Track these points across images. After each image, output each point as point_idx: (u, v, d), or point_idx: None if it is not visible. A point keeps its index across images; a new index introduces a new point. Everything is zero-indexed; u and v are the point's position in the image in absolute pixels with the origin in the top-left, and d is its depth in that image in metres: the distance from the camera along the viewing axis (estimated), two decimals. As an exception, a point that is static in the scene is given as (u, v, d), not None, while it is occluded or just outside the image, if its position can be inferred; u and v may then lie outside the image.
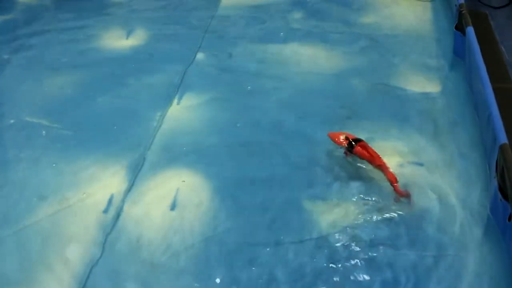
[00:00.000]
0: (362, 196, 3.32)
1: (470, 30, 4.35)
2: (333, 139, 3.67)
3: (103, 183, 3.43)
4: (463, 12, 4.66)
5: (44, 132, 3.84)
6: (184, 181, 3.41)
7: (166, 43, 4.99)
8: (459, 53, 4.63)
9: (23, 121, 4.01)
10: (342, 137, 3.65)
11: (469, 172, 3.49)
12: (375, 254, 2.98)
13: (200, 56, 4.74)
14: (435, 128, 3.87)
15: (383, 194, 3.31)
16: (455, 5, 4.95)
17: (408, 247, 3.01)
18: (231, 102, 4.13)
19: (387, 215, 3.18)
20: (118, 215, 3.19)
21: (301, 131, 3.83)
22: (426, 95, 4.22)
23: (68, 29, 5.31)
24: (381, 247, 3.01)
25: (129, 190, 3.35)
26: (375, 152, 3.52)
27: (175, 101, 4.15)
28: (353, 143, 3.58)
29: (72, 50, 4.90)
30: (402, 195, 3.38)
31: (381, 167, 3.52)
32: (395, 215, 3.18)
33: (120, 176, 3.47)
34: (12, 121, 4.00)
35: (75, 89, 4.29)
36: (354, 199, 3.30)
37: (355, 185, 3.41)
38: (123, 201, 3.28)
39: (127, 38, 5.08)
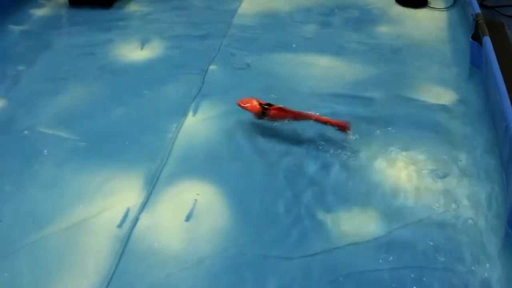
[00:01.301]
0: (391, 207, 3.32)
1: (487, 40, 4.32)
2: (244, 105, 3.86)
3: (119, 195, 3.41)
4: (480, 21, 4.64)
5: (46, 151, 3.80)
6: (199, 194, 3.39)
7: (181, 53, 4.99)
8: (476, 63, 4.60)
9: (37, 133, 4.00)
10: (255, 102, 3.81)
11: (486, 184, 3.45)
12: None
13: (216, 67, 4.74)
14: (452, 139, 3.85)
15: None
16: (471, 15, 4.93)
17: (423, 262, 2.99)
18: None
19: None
20: (133, 228, 3.17)
21: (321, 143, 3.81)
22: (442, 106, 4.20)
23: (83, 40, 5.32)
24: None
25: (145, 202, 3.33)
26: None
27: (191, 112, 4.13)
28: (266, 106, 3.77)
29: (86, 61, 4.90)
30: (343, 124, 3.73)
31: (306, 116, 3.75)
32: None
33: (135, 189, 3.45)
34: (26, 132, 4.00)
35: (90, 101, 4.28)
36: (377, 210, 3.29)
37: (382, 192, 3.42)
38: (139, 213, 3.26)
39: (142, 49, 5.07)
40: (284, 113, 3.83)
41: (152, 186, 3.46)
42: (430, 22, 5.50)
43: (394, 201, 3.35)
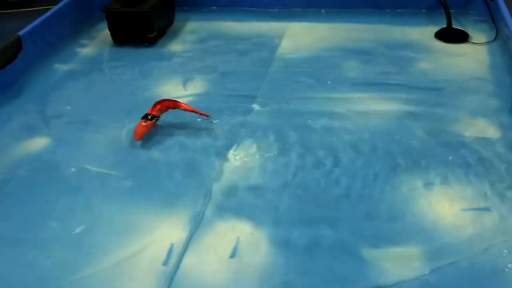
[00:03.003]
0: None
1: (530, 76, 4.31)
2: (140, 131, 4.25)
3: (163, 232, 3.44)
4: (522, 57, 4.62)
5: (90, 189, 3.88)
6: (252, 234, 3.41)
7: (223, 92, 5.03)
8: (519, 98, 4.57)
9: (83, 170, 4.07)
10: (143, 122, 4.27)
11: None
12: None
13: (257, 106, 4.77)
14: (496, 173, 3.81)
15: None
16: (514, 50, 4.91)
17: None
18: (291, 149, 4.14)
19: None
20: (178, 265, 3.19)
21: (361, 179, 3.82)
22: (486, 140, 4.16)
23: (127, 79, 5.42)
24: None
25: (189, 239, 3.36)
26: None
27: (233, 150, 4.18)
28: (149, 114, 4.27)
29: (130, 99, 4.98)
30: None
31: (187, 107, 4.46)
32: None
33: (179, 226, 3.48)
34: (73, 169, 4.07)
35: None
36: (419, 247, 3.25)
37: (423, 229, 3.38)
38: (183, 250, 3.29)
39: (184, 88, 5.14)
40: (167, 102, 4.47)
41: (196, 224, 3.49)
42: (471, 57, 5.46)
43: (436, 238, 3.32)
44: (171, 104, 4.49)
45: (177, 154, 4.18)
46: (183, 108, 4.49)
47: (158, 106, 4.42)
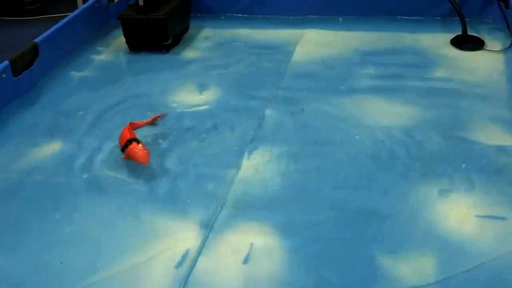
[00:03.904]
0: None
1: (546, 83, 4.29)
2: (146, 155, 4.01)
3: (176, 238, 3.45)
4: (538, 64, 4.60)
5: (106, 194, 3.90)
6: (272, 239, 3.40)
7: (238, 98, 5.04)
8: (535, 106, 4.55)
9: (96, 176, 4.09)
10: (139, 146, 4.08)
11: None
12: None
13: (271, 111, 4.78)
14: (511, 180, 3.78)
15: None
16: (530, 58, 4.88)
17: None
18: (304, 157, 4.14)
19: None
20: (191, 271, 3.19)
21: (376, 185, 3.81)
22: (501, 148, 4.13)
23: (141, 85, 5.43)
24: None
25: (202, 245, 3.36)
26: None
27: (247, 156, 4.18)
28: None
29: (145, 106, 5.00)
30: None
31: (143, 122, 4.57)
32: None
33: (193, 232, 3.48)
34: (88, 175, 4.09)
35: (148, 145, 4.30)
36: (434, 253, 3.23)
37: (438, 236, 3.35)
38: (196, 256, 3.29)
39: (199, 95, 5.16)
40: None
41: (209, 230, 3.49)
42: (486, 64, 5.44)
43: (450, 245, 3.29)
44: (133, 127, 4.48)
45: (190, 162, 4.18)
46: (139, 125, 4.59)
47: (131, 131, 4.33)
